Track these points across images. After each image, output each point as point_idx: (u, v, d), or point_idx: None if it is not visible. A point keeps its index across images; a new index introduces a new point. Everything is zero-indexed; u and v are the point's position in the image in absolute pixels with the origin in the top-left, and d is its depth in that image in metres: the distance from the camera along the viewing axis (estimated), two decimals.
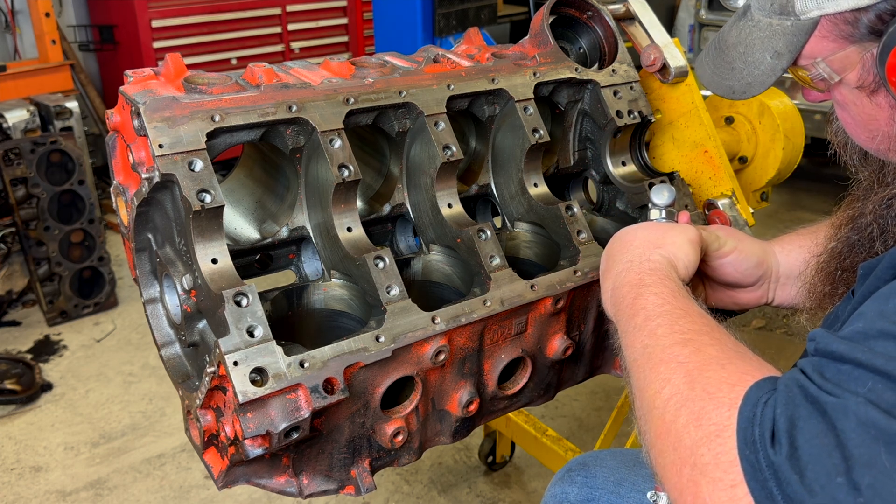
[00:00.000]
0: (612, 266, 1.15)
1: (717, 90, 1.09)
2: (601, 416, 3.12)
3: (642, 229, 1.18)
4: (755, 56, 1.00)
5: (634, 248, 1.14)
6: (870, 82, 0.94)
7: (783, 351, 3.39)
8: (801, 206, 5.19)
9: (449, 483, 2.79)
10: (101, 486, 2.82)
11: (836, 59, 0.95)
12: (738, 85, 1.05)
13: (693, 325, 0.93)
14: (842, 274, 1.08)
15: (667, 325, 0.95)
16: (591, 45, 1.63)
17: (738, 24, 1.04)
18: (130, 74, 1.20)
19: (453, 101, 1.37)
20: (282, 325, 1.31)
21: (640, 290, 1.04)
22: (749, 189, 1.78)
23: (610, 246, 1.21)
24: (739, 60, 1.03)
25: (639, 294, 1.03)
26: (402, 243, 1.52)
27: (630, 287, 1.07)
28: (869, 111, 0.97)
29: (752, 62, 1.01)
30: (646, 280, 1.06)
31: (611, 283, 1.14)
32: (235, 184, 1.41)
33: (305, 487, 1.20)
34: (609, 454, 1.54)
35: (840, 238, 1.09)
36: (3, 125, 3.86)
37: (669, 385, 0.86)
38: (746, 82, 1.03)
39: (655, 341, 0.93)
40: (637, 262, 1.10)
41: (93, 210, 3.91)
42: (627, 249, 1.15)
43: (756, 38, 0.99)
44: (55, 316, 3.91)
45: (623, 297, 1.07)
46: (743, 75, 1.03)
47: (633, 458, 1.50)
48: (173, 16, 5.00)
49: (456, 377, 1.26)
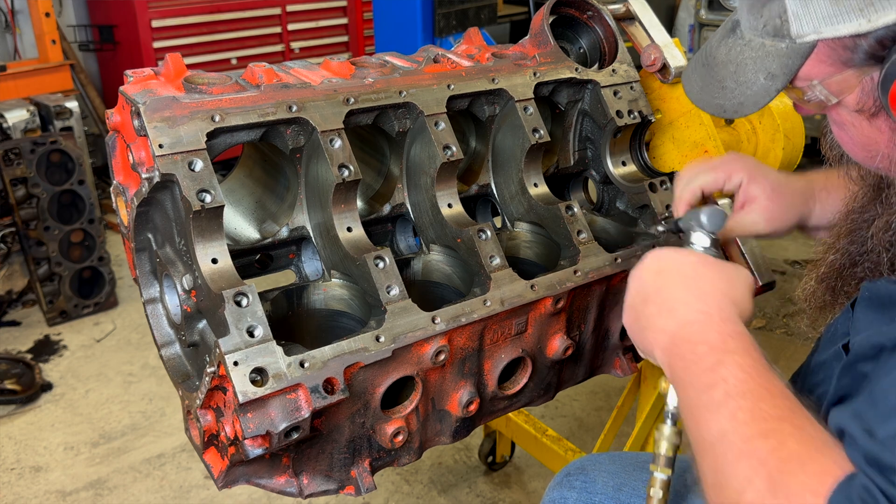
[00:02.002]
0: (671, 305, 1.04)
1: (707, 108, 1.03)
2: (601, 416, 3.12)
3: (705, 267, 1.07)
4: (747, 76, 0.95)
5: (707, 296, 1.02)
6: (870, 106, 0.90)
7: (783, 351, 3.39)
8: None
9: (449, 483, 2.79)
10: (101, 486, 2.82)
11: (833, 83, 0.91)
12: (729, 104, 0.99)
13: (775, 409, 0.86)
14: (842, 286, 1.06)
15: (748, 408, 0.87)
16: (592, 45, 1.63)
17: (728, 40, 0.98)
18: (130, 74, 1.20)
19: (453, 101, 1.37)
20: (282, 325, 1.31)
21: (722, 358, 0.93)
22: None
23: (659, 276, 1.09)
24: (730, 79, 0.97)
25: (720, 361, 0.93)
26: (402, 243, 1.53)
27: (708, 348, 0.96)
28: (868, 133, 0.94)
29: (745, 82, 0.96)
30: (728, 345, 0.95)
31: (671, 328, 1.02)
32: (235, 184, 1.41)
33: (305, 487, 1.20)
34: (608, 458, 1.51)
35: (839, 249, 1.06)
36: (3, 125, 3.86)
37: (751, 488, 0.82)
38: (738, 102, 0.98)
39: (735, 428, 0.86)
40: (716, 318, 0.99)
41: (93, 210, 3.91)
42: (694, 291, 1.04)
43: (748, 58, 0.94)
44: (55, 316, 3.91)
45: (697, 356, 0.96)
46: (734, 95, 0.98)
47: (632, 462, 1.47)
48: (173, 16, 4.99)
49: (456, 377, 1.26)
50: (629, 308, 1.12)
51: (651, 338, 1.06)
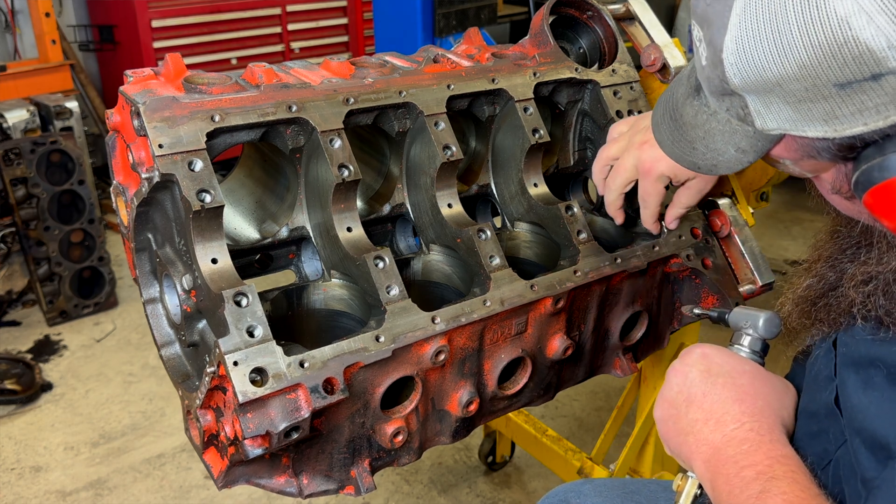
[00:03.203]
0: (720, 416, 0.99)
1: (681, 163, 0.96)
2: (601, 416, 3.12)
3: (760, 381, 1.03)
4: (717, 145, 0.88)
5: (759, 413, 0.98)
6: (846, 190, 0.83)
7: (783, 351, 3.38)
8: (801, 206, 5.19)
9: (449, 483, 2.79)
10: (101, 486, 2.82)
11: (806, 164, 0.85)
12: (703, 164, 0.92)
13: None
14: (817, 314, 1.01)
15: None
16: (591, 45, 1.63)
17: (693, 102, 0.90)
18: (130, 74, 1.20)
19: (453, 101, 1.37)
20: (282, 325, 1.31)
21: (769, 486, 0.89)
22: (749, 189, 1.78)
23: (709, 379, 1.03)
24: (700, 143, 0.90)
25: (766, 489, 0.89)
26: (402, 243, 1.52)
27: (755, 473, 0.91)
28: (847, 206, 0.89)
29: (715, 150, 0.89)
30: (776, 471, 0.91)
31: (717, 441, 0.98)
32: (235, 184, 1.41)
33: (305, 487, 1.20)
34: (592, 488, 1.43)
35: (817, 274, 1.02)
36: (3, 125, 3.86)
37: None
38: (712, 164, 0.91)
39: None
40: (766, 437, 0.95)
41: (93, 210, 3.91)
42: (747, 406, 0.99)
43: (716, 129, 0.87)
44: (55, 316, 3.91)
45: (743, 481, 0.92)
46: (707, 158, 0.91)
47: (619, 490, 1.41)
48: (173, 16, 5.00)
49: (456, 377, 1.26)
50: (667, 404, 1.06)
51: (693, 446, 1.00)
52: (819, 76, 0.69)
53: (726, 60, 0.75)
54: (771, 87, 0.74)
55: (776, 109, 0.77)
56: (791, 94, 0.73)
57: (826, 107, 0.72)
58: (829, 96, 0.71)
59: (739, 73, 0.75)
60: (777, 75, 0.72)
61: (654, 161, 1.28)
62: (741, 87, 0.77)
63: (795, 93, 0.73)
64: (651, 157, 1.28)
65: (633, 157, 1.31)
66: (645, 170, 1.30)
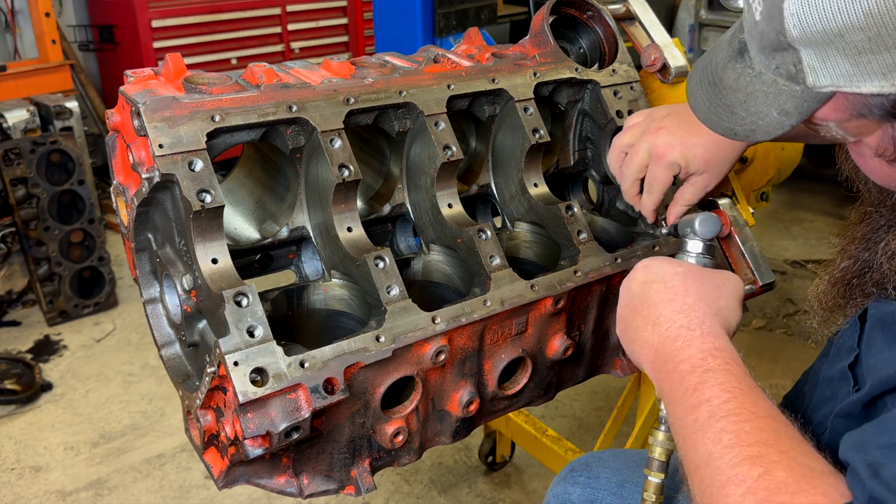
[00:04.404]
0: (655, 318, 1.03)
1: (716, 129, 0.97)
2: (601, 416, 3.12)
3: (690, 278, 1.06)
4: (759, 108, 0.87)
5: (689, 308, 1.02)
6: (891, 153, 0.83)
7: (783, 351, 3.39)
8: (801, 206, 5.19)
9: (449, 483, 2.79)
10: (101, 486, 2.82)
11: (851, 126, 0.84)
12: (740, 130, 0.92)
13: (760, 432, 0.85)
14: (853, 293, 1.04)
15: (733, 430, 0.86)
16: (592, 45, 1.63)
17: (736, 65, 0.90)
18: (130, 74, 1.20)
19: (453, 101, 1.37)
20: (282, 325, 1.31)
21: (704, 377, 0.92)
22: (749, 189, 1.78)
23: (646, 287, 1.08)
24: (740, 107, 0.90)
25: (702, 381, 0.92)
26: (402, 243, 1.53)
27: (690, 366, 0.95)
28: (888, 171, 0.88)
29: (756, 112, 0.88)
30: (710, 363, 0.94)
31: (655, 342, 1.02)
32: (235, 184, 1.41)
33: (305, 487, 1.20)
34: (611, 454, 1.52)
35: (852, 255, 1.03)
36: (3, 125, 3.86)
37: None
38: (750, 129, 0.91)
39: (721, 452, 0.85)
40: (696, 331, 0.98)
41: (93, 210, 3.91)
42: (677, 304, 1.03)
43: (759, 91, 0.86)
44: (55, 316, 3.91)
45: (680, 375, 0.95)
46: (745, 122, 0.90)
47: (636, 458, 1.48)
48: (173, 16, 5.00)
49: (456, 377, 1.26)
50: (619, 318, 1.13)
51: (638, 350, 1.06)
52: (885, 24, 0.69)
53: (787, 10, 0.75)
54: (832, 38, 0.73)
55: (832, 63, 0.76)
56: (852, 45, 0.73)
57: (888, 58, 0.72)
58: (893, 46, 0.70)
59: (800, 22, 0.74)
60: (841, 24, 0.71)
61: (668, 146, 1.29)
62: (799, 40, 0.76)
63: (857, 44, 0.72)
64: (665, 143, 1.30)
65: (647, 142, 1.32)
66: (658, 154, 1.31)
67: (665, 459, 1.19)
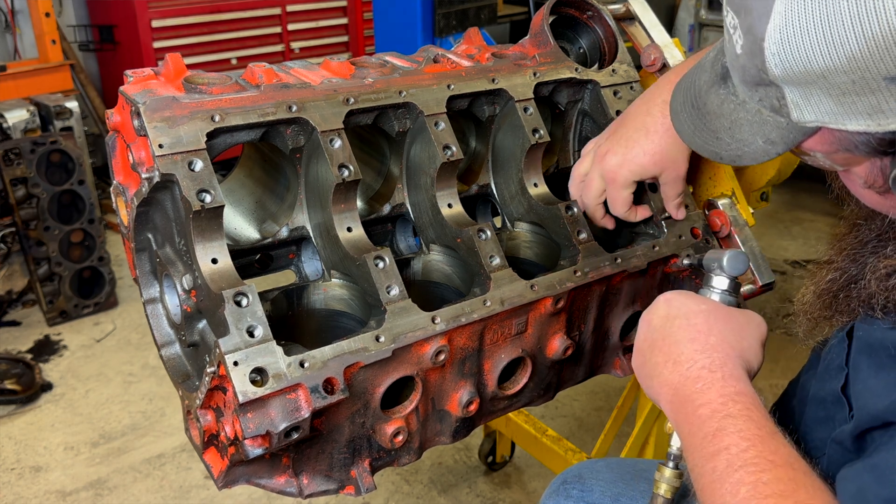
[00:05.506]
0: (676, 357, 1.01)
1: (702, 152, 0.94)
2: (601, 416, 3.12)
3: (714, 317, 1.03)
4: (744, 135, 0.85)
5: (711, 348, 0.99)
6: (880, 185, 0.81)
7: (783, 351, 3.39)
8: (801, 206, 5.19)
9: (449, 483, 2.79)
10: (101, 486, 2.82)
11: (838, 157, 0.82)
12: (726, 154, 0.90)
13: (779, 483, 0.84)
14: (838, 306, 1.02)
15: (751, 481, 0.84)
16: (591, 45, 1.63)
17: (719, 91, 0.87)
18: (130, 74, 1.20)
19: (453, 101, 1.37)
20: (282, 325, 1.31)
21: (724, 424, 0.90)
22: (749, 189, 1.78)
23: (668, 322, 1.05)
24: (725, 133, 0.88)
25: (721, 427, 0.90)
26: (402, 243, 1.53)
27: (710, 411, 0.92)
28: (878, 201, 0.87)
29: (741, 140, 0.86)
30: (730, 408, 0.91)
31: (675, 382, 0.99)
32: (235, 184, 1.41)
33: (305, 487, 1.20)
34: (605, 465, 1.48)
35: (840, 268, 1.02)
36: (3, 125, 3.86)
37: None
38: (736, 154, 0.89)
39: None
40: (718, 374, 0.96)
41: (93, 210, 3.92)
42: (700, 344, 1.00)
43: (744, 119, 0.84)
44: (55, 316, 3.91)
45: (700, 420, 0.93)
46: (731, 148, 0.88)
47: (630, 469, 1.45)
48: (173, 16, 5.00)
49: (456, 377, 1.26)
50: (637, 351, 1.10)
51: (657, 388, 1.03)
52: (869, 69, 0.67)
53: (767, 50, 0.73)
54: (814, 78, 0.72)
55: (816, 101, 0.74)
56: (835, 86, 0.71)
57: (872, 100, 0.70)
58: (878, 90, 0.69)
59: (781, 63, 0.73)
60: (823, 67, 0.70)
61: (617, 168, 1.30)
62: (781, 78, 0.75)
63: (840, 85, 0.71)
64: (613, 165, 1.31)
65: (598, 169, 1.34)
66: (610, 178, 1.33)
67: (670, 497, 1.15)
